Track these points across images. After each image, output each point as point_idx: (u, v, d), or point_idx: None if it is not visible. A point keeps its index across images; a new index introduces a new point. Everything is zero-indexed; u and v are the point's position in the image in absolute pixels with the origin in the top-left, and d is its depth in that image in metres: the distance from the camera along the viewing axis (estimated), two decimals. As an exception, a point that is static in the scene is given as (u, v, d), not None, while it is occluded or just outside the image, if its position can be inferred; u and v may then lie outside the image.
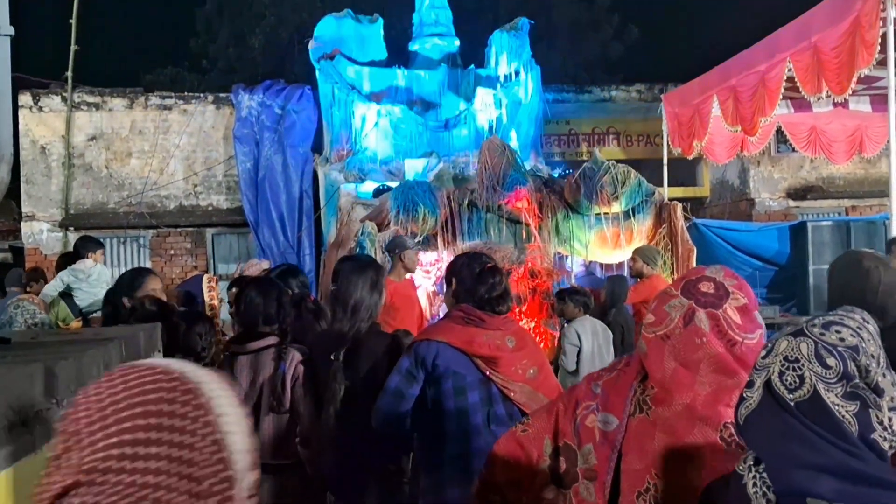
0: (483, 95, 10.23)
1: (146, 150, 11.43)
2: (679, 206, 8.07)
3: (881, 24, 5.97)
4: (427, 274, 7.76)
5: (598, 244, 8.10)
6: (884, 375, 1.20)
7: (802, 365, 1.20)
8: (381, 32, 10.71)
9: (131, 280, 4.02)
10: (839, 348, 1.20)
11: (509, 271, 7.75)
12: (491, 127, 10.19)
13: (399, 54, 10.92)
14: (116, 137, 11.37)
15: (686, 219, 8.85)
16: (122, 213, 11.31)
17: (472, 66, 10.74)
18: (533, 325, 7.77)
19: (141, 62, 19.28)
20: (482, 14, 17.17)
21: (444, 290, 3.36)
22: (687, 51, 18.51)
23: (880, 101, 8.60)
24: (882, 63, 6.19)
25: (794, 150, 10.44)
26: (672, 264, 7.83)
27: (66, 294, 6.22)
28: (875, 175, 12.31)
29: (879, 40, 6.02)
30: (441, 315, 4.96)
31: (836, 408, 1.17)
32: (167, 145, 11.47)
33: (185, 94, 11.88)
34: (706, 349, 1.60)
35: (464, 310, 3.07)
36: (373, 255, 7.07)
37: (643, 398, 1.71)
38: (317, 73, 10.16)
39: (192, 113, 11.50)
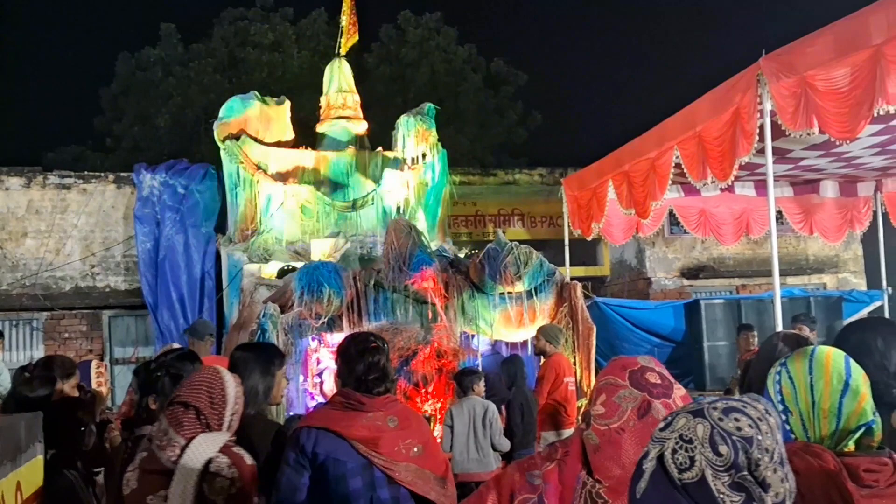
0: (391, 177, 10.32)
1: (42, 230, 11.07)
2: (579, 285, 8.27)
3: (759, 115, 6.30)
4: (333, 355, 7.66)
5: (503, 323, 8.18)
6: (774, 470, 1.21)
7: (695, 447, 1.20)
8: (288, 114, 10.75)
9: None
10: (734, 437, 1.20)
11: (415, 351, 7.75)
12: (398, 208, 10.26)
13: (306, 136, 10.99)
14: (12, 217, 10.99)
15: (587, 297, 9.07)
16: (14, 295, 10.85)
17: (380, 148, 10.88)
18: (439, 405, 7.74)
19: (43, 140, 18.87)
20: (391, 99, 17.58)
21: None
22: (586, 136, 19.38)
23: (763, 187, 9.08)
24: (762, 151, 6.52)
25: (685, 231, 10.90)
26: (573, 342, 7.98)
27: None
28: (762, 255, 12.99)
29: (758, 131, 6.35)
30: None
31: (721, 496, 1.17)
32: (65, 225, 11.14)
33: (85, 173, 11.62)
34: None
35: (343, 394, 3.06)
36: (274, 338, 6.96)
37: (595, 491, 1.66)
38: (221, 152, 10.08)
39: (91, 192, 11.23)
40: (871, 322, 3.00)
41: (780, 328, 6.42)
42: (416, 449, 3.01)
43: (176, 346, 5.36)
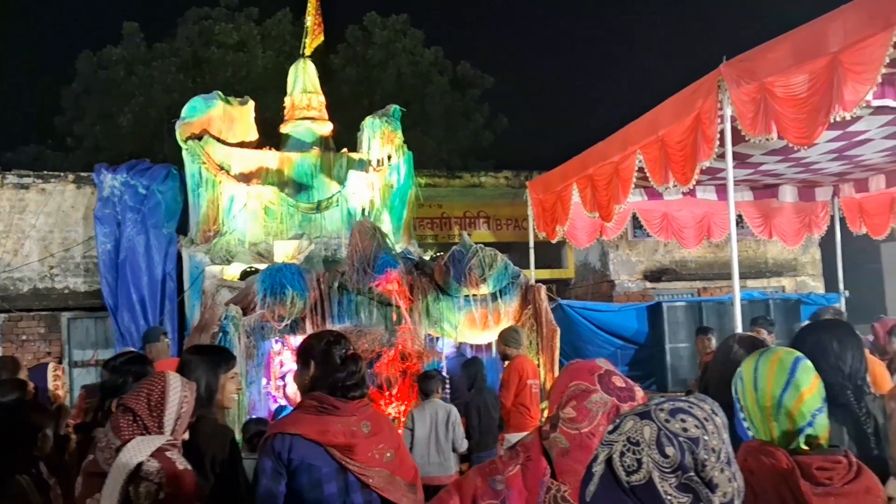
0: (355, 179, 10.26)
1: (0, 231, 10.84)
2: (543, 287, 8.31)
3: (720, 121, 6.35)
4: (295, 355, 7.59)
5: (468, 325, 8.19)
6: (721, 470, 1.21)
7: (642, 449, 1.20)
8: (252, 114, 10.64)
9: None
10: (680, 438, 1.20)
11: (379, 354, 7.72)
12: (363, 210, 10.20)
13: (270, 136, 10.89)
14: (-32, 217, 10.77)
15: (552, 299, 9.11)
16: (-31, 297, 10.62)
17: (345, 149, 10.82)
18: (403, 407, 7.72)
19: (1, 139, 18.52)
20: (356, 100, 17.53)
21: (297, 369, 3.26)
22: (551, 140, 19.51)
23: (724, 191, 9.18)
24: (723, 156, 6.58)
25: (648, 235, 11.01)
26: (538, 344, 8.01)
27: None
28: (723, 258, 13.17)
29: (719, 136, 6.40)
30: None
31: (669, 498, 1.17)
32: (23, 225, 10.92)
33: (44, 172, 11.39)
34: None
35: (317, 398, 3.01)
36: (236, 340, 6.89)
37: (560, 494, 1.67)
38: (184, 152, 9.94)
39: (50, 192, 11.03)
40: (827, 324, 3.05)
41: (739, 330, 6.51)
42: (388, 454, 3.02)
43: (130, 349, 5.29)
